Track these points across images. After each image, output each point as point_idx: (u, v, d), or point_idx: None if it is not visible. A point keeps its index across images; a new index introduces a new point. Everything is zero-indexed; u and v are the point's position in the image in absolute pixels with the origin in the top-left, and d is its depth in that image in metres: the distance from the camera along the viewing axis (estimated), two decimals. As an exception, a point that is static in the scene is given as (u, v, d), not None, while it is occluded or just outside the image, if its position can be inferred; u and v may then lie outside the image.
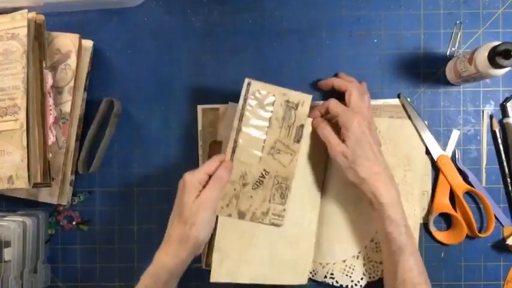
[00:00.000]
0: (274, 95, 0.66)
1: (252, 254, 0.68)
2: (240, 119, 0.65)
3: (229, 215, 0.66)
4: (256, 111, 0.65)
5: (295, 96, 0.66)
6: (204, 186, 0.63)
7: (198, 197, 0.61)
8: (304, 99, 0.67)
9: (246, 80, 0.65)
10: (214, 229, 0.66)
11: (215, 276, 0.67)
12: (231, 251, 0.67)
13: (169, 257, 0.61)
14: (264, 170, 0.66)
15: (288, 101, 0.66)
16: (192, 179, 0.62)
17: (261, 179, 0.66)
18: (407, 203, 0.72)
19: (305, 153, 0.69)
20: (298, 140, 0.67)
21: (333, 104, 0.66)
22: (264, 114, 0.66)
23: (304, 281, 0.70)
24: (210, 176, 0.63)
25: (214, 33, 0.75)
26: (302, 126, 0.67)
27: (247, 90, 0.65)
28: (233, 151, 0.65)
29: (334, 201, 0.71)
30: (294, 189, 0.68)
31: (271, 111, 0.66)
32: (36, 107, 0.67)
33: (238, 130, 0.65)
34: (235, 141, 0.65)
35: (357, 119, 0.63)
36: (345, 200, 0.72)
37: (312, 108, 0.68)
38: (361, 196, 0.69)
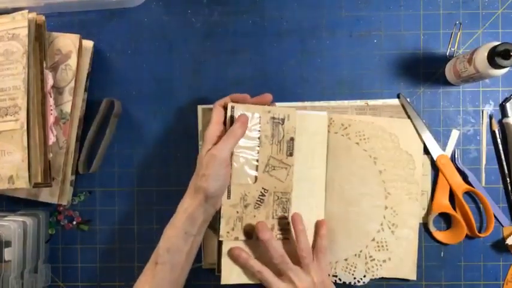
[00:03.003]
0: (259, 114, 0.66)
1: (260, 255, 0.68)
2: None
3: (236, 238, 0.67)
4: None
5: (280, 111, 0.67)
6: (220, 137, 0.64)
7: (209, 150, 0.63)
8: (289, 113, 0.67)
9: (230, 105, 0.65)
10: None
11: (226, 279, 0.67)
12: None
13: (187, 204, 0.63)
14: (263, 188, 0.67)
15: (273, 118, 0.67)
16: (207, 133, 0.64)
17: (261, 197, 0.67)
18: (409, 200, 0.72)
19: (302, 148, 0.70)
20: (290, 153, 0.67)
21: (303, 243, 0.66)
22: (252, 134, 0.66)
23: None
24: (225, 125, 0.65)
25: (214, 33, 0.75)
26: (292, 139, 0.67)
27: (232, 114, 0.65)
28: None
29: (336, 201, 0.72)
30: (296, 185, 0.68)
31: (259, 130, 0.66)
32: (36, 107, 0.67)
33: (231, 154, 0.65)
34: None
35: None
36: (346, 200, 0.72)
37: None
38: (361, 196, 0.69)
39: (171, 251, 0.62)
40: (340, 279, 0.72)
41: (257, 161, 0.67)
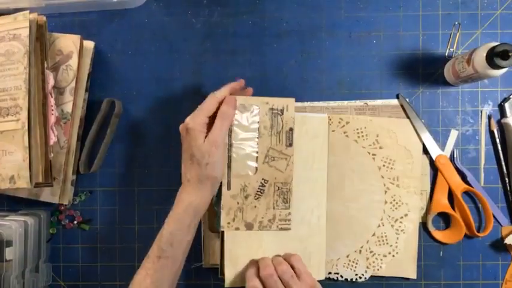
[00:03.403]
0: (257, 106, 0.67)
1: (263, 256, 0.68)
2: (230, 135, 0.66)
3: (237, 229, 0.67)
4: (243, 124, 0.66)
5: (278, 102, 0.67)
6: (208, 125, 0.63)
7: (206, 137, 0.62)
8: (288, 103, 0.67)
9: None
10: (222, 239, 0.67)
11: (229, 282, 0.67)
12: (242, 257, 0.67)
13: (193, 197, 0.63)
14: (263, 179, 0.67)
15: (272, 109, 0.67)
16: (194, 123, 0.63)
17: (261, 188, 0.67)
18: (408, 194, 0.73)
19: (303, 151, 0.70)
20: (290, 144, 0.68)
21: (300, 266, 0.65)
22: (251, 125, 0.66)
23: (321, 276, 0.71)
24: (210, 117, 0.64)
25: (214, 34, 0.76)
26: (291, 129, 0.67)
27: None
28: (229, 167, 0.66)
29: (335, 198, 0.72)
30: (297, 187, 0.68)
31: (258, 122, 0.67)
32: (37, 107, 0.68)
33: (230, 146, 0.66)
34: (229, 157, 0.66)
35: None
36: (345, 196, 0.72)
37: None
38: (361, 192, 0.69)
39: (175, 245, 0.62)
40: (341, 276, 0.73)
41: (257, 152, 0.67)
